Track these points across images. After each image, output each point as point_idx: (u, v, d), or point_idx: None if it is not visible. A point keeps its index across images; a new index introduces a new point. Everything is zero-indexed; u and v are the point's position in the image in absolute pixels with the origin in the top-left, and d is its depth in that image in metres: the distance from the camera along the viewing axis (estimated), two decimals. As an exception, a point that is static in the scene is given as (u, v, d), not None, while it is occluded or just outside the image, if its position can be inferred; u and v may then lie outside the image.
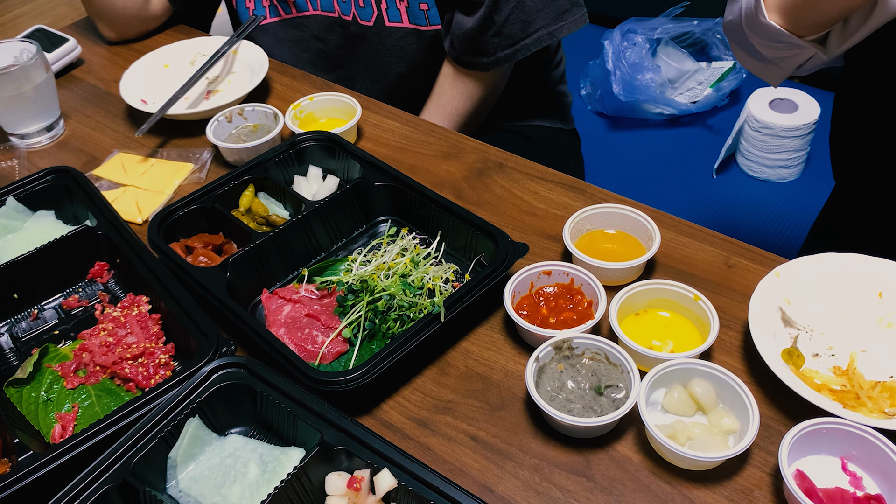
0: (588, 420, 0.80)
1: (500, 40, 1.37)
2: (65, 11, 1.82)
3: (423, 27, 1.42)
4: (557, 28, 1.37)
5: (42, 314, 1.01)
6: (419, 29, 1.42)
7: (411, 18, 1.40)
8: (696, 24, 2.77)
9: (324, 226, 1.05)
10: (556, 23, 1.37)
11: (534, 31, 1.37)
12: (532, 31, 1.37)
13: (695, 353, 0.85)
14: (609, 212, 1.03)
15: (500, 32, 1.36)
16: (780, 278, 0.92)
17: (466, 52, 1.40)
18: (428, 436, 0.85)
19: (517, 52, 1.38)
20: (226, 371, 0.83)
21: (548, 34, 1.37)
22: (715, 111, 2.74)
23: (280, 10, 1.50)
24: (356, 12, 1.42)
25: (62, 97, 1.40)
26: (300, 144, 1.14)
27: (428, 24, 1.41)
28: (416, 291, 0.93)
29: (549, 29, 1.37)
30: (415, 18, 1.40)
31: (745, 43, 1.07)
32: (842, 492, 0.75)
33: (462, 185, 1.17)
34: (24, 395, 0.89)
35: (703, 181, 2.50)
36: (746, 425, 0.78)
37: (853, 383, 0.85)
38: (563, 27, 1.37)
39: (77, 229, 1.03)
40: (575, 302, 0.94)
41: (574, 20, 1.38)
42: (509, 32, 1.36)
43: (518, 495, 0.79)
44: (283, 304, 0.97)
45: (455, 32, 1.39)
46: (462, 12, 1.38)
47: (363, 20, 1.42)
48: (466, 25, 1.36)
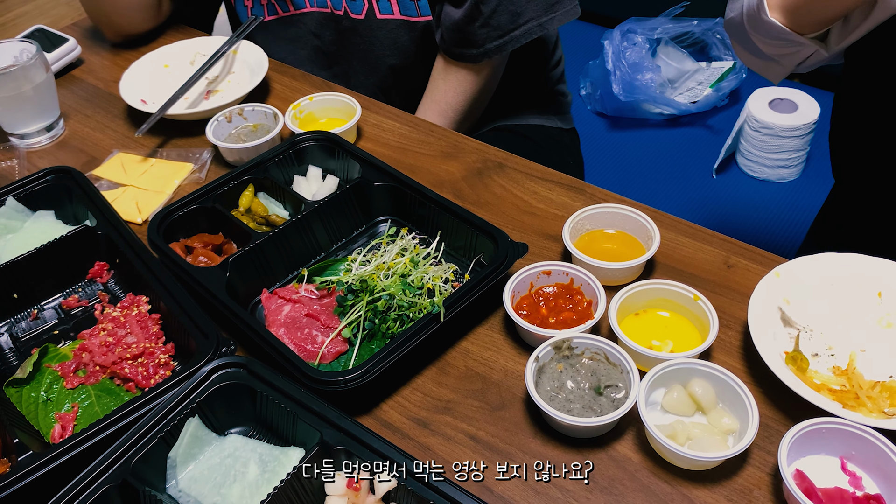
0: (588, 420, 0.80)
1: (488, 31, 1.36)
2: (65, 11, 1.83)
3: (414, 18, 1.41)
4: (548, 20, 1.36)
5: (42, 314, 1.01)
6: (410, 20, 1.41)
7: (402, 9, 1.39)
8: (696, 24, 2.78)
9: (323, 226, 1.05)
10: (547, 14, 1.35)
11: (523, 23, 1.35)
12: (521, 22, 1.35)
13: (694, 353, 0.85)
14: (609, 212, 1.03)
15: (488, 23, 1.34)
16: (779, 278, 0.92)
17: (456, 43, 1.39)
18: (428, 436, 0.85)
19: (506, 43, 1.37)
20: (226, 371, 0.83)
21: (538, 25, 1.36)
22: (715, 111, 2.74)
23: (277, 9, 1.50)
24: (347, 6, 1.42)
25: (62, 97, 1.40)
26: (300, 144, 1.15)
27: (419, 15, 1.40)
28: (416, 291, 0.93)
29: (539, 20, 1.35)
30: (405, 9, 1.40)
31: (747, 41, 1.07)
32: (841, 492, 0.75)
33: (462, 185, 1.17)
34: (23, 395, 0.89)
35: (703, 181, 2.50)
36: (746, 425, 0.78)
37: (853, 383, 0.85)
38: (553, 19, 1.36)
39: (77, 229, 1.03)
40: (574, 302, 0.94)
41: (565, 12, 1.37)
42: (498, 23, 1.35)
43: (518, 495, 0.79)
44: (282, 304, 0.97)
45: (444, 24, 1.38)
46: (450, 3, 1.36)
47: (354, 13, 1.42)
48: (454, 16, 1.35)
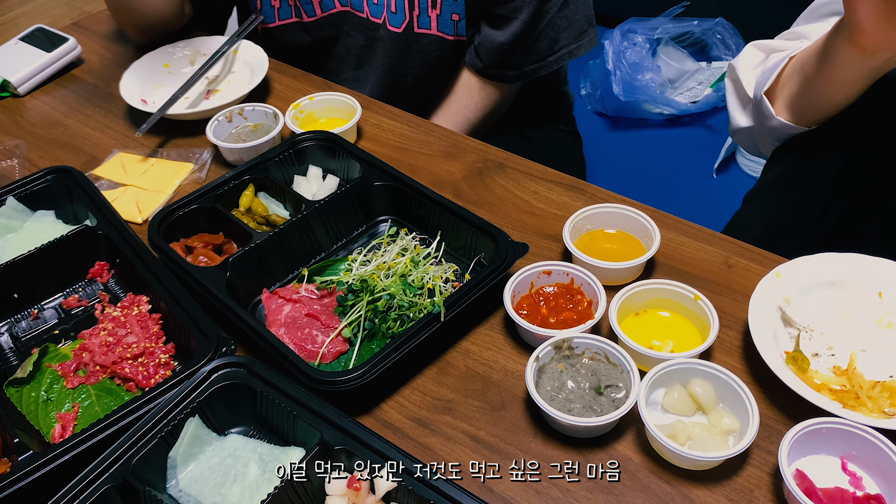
0: (588, 420, 0.80)
1: (528, 56, 1.43)
2: (65, 11, 1.83)
3: (450, 37, 1.43)
4: (576, 47, 1.44)
5: (42, 314, 1.01)
6: (445, 38, 1.43)
7: (440, 27, 1.42)
8: (696, 24, 2.77)
9: (324, 226, 1.05)
10: (577, 42, 1.44)
11: (558, 49, 1.43)
12: (557, 48, 1.43)
13: (695, 352, 0.85)
14: (609, 212, 1.03)
15: (530, 48, 1.42)
16: (779, 278, 0.92)
17: (494, 64, 1.44)
18: (428, 436, 0.85)
19: (542, 67, 1.45)
20: (226, 371, 0.83)
21: (568, 52, 1.44)
22: (715, 111, 2.74)
23: (303, 12, 1.49)
24: (387, 17, 1.43)
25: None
26: (300, 144, 1.15)
27: (455, 35, 1.43)
28: (416, 291, 0.93)
29: (570, 48, 1.44)
30: (444, 27, 1.42)
31: (753, 146, 1.21)
32: (841, 492, 0.75)
33: (462, 185, 1.17)
34: (24, 394, 0.89)
35: (703, 181, 2.50)
36: (746, 425, 0.78)
37: (853, 383, 0.85)
38: (581, 46, 1.44)
39: (77, 229, 1.03)
40: (575, 302, 0.94)
41: (589, 40, 1.45)
42: (538, 49, 1.42)
43: (518, 495, 0.79)
44: (283, 303, 0.97)
45: (483, 45, 1.43)
46: (490, 26, 1.41)
47: (393, 26, 1.43)
48: (499, 40, 1.40)
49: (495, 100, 1.51)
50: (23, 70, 1.44)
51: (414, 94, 1.52)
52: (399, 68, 1.48)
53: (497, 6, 1.38)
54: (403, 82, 1.50)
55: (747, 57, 1.18)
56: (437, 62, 1.47)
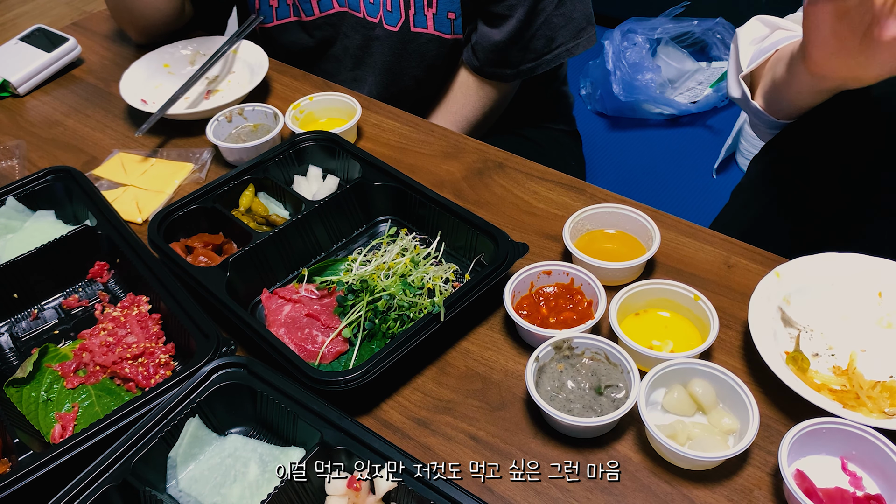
0: (588, 420, 0.80)
1: (524, 54, 1.42)
2: (65, 11, 1.83)
3: (447, 35, 1.43)
4: (574, 45, 1.43)
5: (42, 314, 1.01)
6: (442, 37, 1.43)
7: (437, 25, 1.42)
8: (696, 24, 2.77)
9: (324, 226, 1.05)
10: (574, 40, 1.43)
11: (556, 48, 1.43)
12: (554, 47, 1.43)
13: (695, 352, 0.85)
14: (609, 212, 1.03)
15: (526, 47, 1.41)
16: (780, 278, 0.92)
17: (491, 63, 1.44)
18: (428, 436, 0.85)
19: (539, 66, 1.44)
20: (226, 371, 0.83)
21: (566, 51, 1.44)
22: (715, 111, 2.74)
23: (301, 11, 1.49)
24: (383, 16, 1.43)
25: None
26: (300, 144, 1.15)
27: (452, 33, 1.43)
28: (416, 291, 0.93)
29: (567, 46, 1.43)
30: (440, 26, 1.42)
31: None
32: (842, 492, 0.75)
33: (462, 185, 1.17)
34: (24, 394, 0.89)
35: (703, 181, 2.50)
36: (746, 425, 0.78)
37: (853, 383, 0.85)
38: (579, 45, 1.44)
39: (77, 229, 1.03)
40: (575, 302, 0.94)
41: (588, 38, 1.45)
42: (535, 47, 1.42)
43: (518, 495, 0.79)
44: (283, 303, 0.97)
45: (480, 43, 1.43)
46: (486, 24, 1.41)
47: (389, 25, 1.43)
48: (495, 38, 1.40)
49: (493, 99, 1.50)
50: (23, 70, 1.44)
51: (413, 94, 1.52)
52: (397, 68, 1.48)
53: (492, 4, 1.38)
54: (402, 82, 1.50)
55: (750, 29, 1.18)
56: (434, 61, 1.47)
